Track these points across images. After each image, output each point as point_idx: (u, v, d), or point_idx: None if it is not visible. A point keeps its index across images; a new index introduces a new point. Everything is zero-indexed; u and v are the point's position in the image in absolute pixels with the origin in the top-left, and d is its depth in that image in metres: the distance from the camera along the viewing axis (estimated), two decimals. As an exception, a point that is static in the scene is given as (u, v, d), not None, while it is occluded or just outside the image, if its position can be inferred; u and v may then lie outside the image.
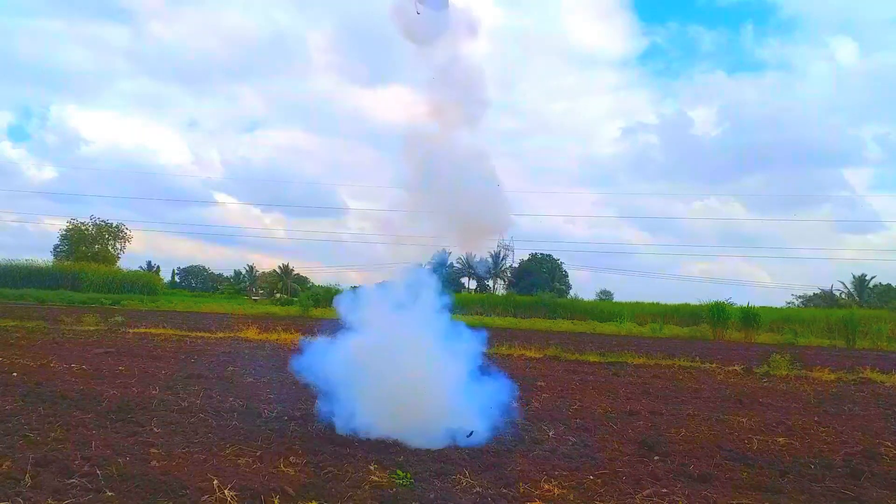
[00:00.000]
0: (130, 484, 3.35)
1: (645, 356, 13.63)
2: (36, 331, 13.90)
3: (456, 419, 4.57)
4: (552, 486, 3.62)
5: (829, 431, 5.89)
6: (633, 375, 10.39)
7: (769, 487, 3.85)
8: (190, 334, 14.65)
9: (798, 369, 11.89)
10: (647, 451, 4.69)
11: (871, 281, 56.71)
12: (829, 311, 36.70)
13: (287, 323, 21.38)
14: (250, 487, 3.31)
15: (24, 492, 3.16)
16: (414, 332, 4.64)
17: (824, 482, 4.04)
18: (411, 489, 3.46)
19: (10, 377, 6.89)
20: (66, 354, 9.33)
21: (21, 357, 8.65)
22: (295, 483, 3.47)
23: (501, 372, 5.49)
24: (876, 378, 11.01)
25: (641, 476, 3.94)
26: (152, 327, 16.23)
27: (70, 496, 3.15)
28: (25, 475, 3.36)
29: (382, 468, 3.86)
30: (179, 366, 8.53)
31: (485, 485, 3.59)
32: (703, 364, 12.60)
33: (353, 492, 3.38)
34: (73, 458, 3.73)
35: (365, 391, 4.66)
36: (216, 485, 3.28)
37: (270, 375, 7.74)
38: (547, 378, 9.18)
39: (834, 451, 4.97)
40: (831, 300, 55.48)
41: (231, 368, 8.44)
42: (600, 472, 3.98)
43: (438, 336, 4.81)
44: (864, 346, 25.48)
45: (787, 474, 4.20)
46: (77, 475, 3.45)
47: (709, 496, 3.60)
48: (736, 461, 4.49)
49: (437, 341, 4.76)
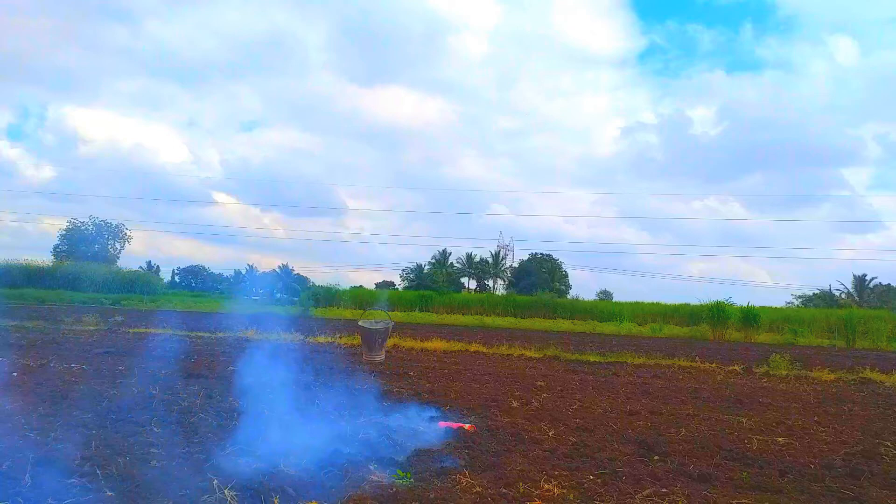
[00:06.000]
0: (131, 484, 3.36)
1: (645, 356, 13.65)
2: (36, 331, 13.90)
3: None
4: (552, 485, 3.62)
5: (828, 431, 5.90)
6: (632, 375, 10.39)
7: (769, 487, 3.85)
8: (190, 334, 14.66)
9: (798, 369, 11.91)
10: (647, 450, 4.70)
11: (870, 281, 56.73)
12: (829, 311, 36.69)
13: (287, 322, 21.40)
14: (251, 487, 3.32)
15: (24, 491, 3.16)
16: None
17: (824, 482, 4.04)
18: (411, 489, 3.46)
19: (10, 377, 6.90)
20: (66, 354, 9.34)
21: (21, 357, 8.66)
22: (296, 482, 3.47)
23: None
24: (876, 378, 11.02)
25: (641, 476, 3.94)
26: (152, 327, 16.24)
27: (70, 496, 3.15)
28: (25, 475, 3.36)
29: (382, 467, 3.87)
30: (180, 365, 8.53)
31: (485, 484, 3.59)
32: (702, 364, 12.61)
33: (353, 491, 3.38)
34: (73, 458, 3.73)
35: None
36: (216, 484, 3.29)
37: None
38: (547, 378, 9.19)
39: (834, 451, 4.98)
40: (831, 300, 55.46)
41: (232, 368, 8.44)
42: (600, 472, 3.98)
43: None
44: (863, 346, 25.51)
45: (787, 474, 4.20)
46: (77, 475, 3.45)
47: (708, 496, 3.60)
48: (736, 461, 4.50)
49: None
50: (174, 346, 11.49)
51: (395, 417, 5.46)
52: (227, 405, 5.71)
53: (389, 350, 12.85)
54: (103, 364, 8.35)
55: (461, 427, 5.10)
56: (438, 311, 42.65)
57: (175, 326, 16.57)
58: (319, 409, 5.70)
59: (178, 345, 11.92)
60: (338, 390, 6.81)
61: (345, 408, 5.72)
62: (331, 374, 8.25)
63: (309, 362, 9.57)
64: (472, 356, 12.62)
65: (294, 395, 6.12)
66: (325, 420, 5.20)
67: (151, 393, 6.20)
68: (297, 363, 9.48)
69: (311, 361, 9.65)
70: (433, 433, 4.93)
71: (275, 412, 5.35)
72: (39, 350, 9.78)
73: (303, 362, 9.60)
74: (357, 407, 5.81)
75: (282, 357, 10.34)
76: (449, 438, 4.73)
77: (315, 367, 8.81)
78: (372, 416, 5.48)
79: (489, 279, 72.48)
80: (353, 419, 5.29)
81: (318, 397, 6.38)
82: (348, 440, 4.57)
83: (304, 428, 4.84)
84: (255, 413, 5.31)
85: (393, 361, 10.40)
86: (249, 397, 5.83)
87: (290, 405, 5.58)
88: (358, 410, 5.63)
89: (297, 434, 4.59)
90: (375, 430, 4.86)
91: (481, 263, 71.82)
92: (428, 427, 5.16)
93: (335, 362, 9.81)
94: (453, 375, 8.98)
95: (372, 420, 5.29)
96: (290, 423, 5.03)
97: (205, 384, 6.93)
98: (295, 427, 4.85)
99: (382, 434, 4.75)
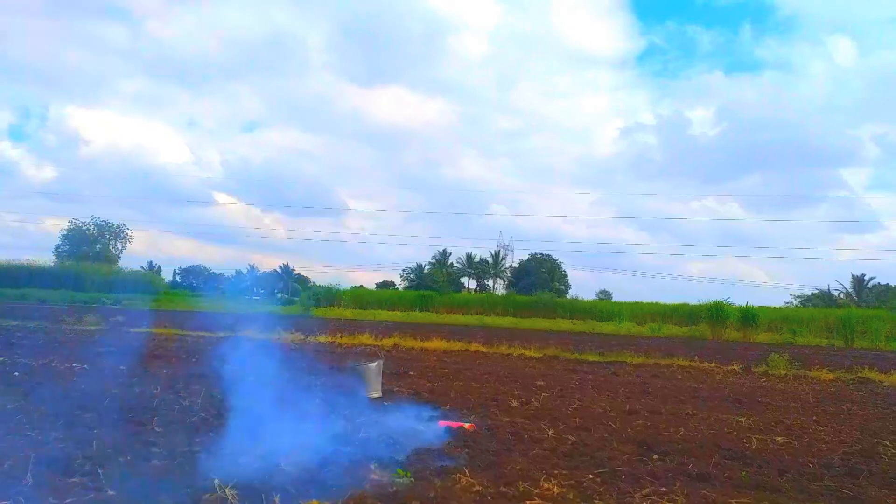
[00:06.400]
0: (132, 483, 3.37)
1: (644, 356, 13.66)
2: (37, 330, 13.92)
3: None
4: (552, 484, 3.64)
5: (827, 430, 5.92)
6: (632, 375, 10.41)
7: (768, 486, 3.86)
8: (191, 333, 14.67)
9: (796, 369, 11.93)
10: (646, 450, 4.71)
11: (869, 281, 56.75)
12: (828, 311, 36.71)
13: (288, 322, 21.41)
14: (251, 486, 3.33)
15: (26, 490, 3.18)
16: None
17: (823, 481, 4.05)
18: (411, 487, 3.47)
19: (11, 376, 6.92)
20: (67, 354, 9.35)
21: (23, 356, 8.68)
22: (296, 481, 3.48)
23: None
24: (874, 377, 11.04)
25: (640, 475, 3.95)
26: (154, 327, 16.25)
27: (72, 495, 3.16)
28: (27, 474, 3.38)
29: (383, 466, 3.88)
30: (181, 365, 8.55)
31: (485, 483, 3.60)
32: (701, 363, 12.63)
33: (354, 490, 3.39)
34: (75, 457, 3.74)
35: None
36: (217, 483, 3.30)
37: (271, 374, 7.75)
38: (546, 377, 9.20)
39: (832, 450, 5.00)
40: (829, 300, 55.47)
41: (233, 368, 8.44)
42: (599, 471, 4.00)
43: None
44: (862, 346, 25.54)
45: (786, 473, 4.22)
46: (78, 474, 3.46)
47: (708, 495, 3.62)
48: (735, 460, 4.52)
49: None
50: (175, 347, 11.50)
51: (395, 416, 5.48)
52: (227, 405, 5.72)
53: (390, 350, 12.88)
54: (105, 363, 8.36)
55: (461, 426, 5.11)
56: (438, 311, 42.70)
57: (175, 326, 16.57)
58: (320, 408, 5.71)
59: (179, 345, 11.94)
60: (338, 390, 6.83)
61: (345, 407, 5.74)
62: (331, 374, 8.26)
63: (309, 362, 9.59)
64: (471, 356, 12.64)
65: (295, 394, 6.14)
66: (325, 419, 5.21)
67: (152, 392, 6.22)
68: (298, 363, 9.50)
69: (311, 361, 9.67)
70: (433, 432, 4.94)
71: (275, 412, 5.36)
72: (41, 350, 9.79)
73: (303, 362, 9.62)
74: (357, 406, 5.82)
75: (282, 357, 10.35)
76: (449, 438, 4.74)
77: (315, 366, 8.83)
78: (372, 415, 5.50)
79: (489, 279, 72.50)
80: (354, 418, 5.30)
81: (319, 397, 6.40)
82: (348, 439, 4.58)
83: (305, 427, 4.85)
84: (256, 412, 5.32)
85: (393, 361, 10.41)
86: (250, 397, 5.84)
87: (290, 405, 5.59)
88: (358, 410, 5.65)
89: (297, 433, 4.60)
90: (375, 430, 4.87)
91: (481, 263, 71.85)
92: (428, 426, 5.18)
93: (335, 362, 9.82)
94: (453, 375, 9.00)
95: (372, 419, 5.30)
96: (290, 422, 5.04)
97: (206, 384, 6.94)
98: (295, 426, 4.87)
99: (382, 433, 4.77)
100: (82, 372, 7.54)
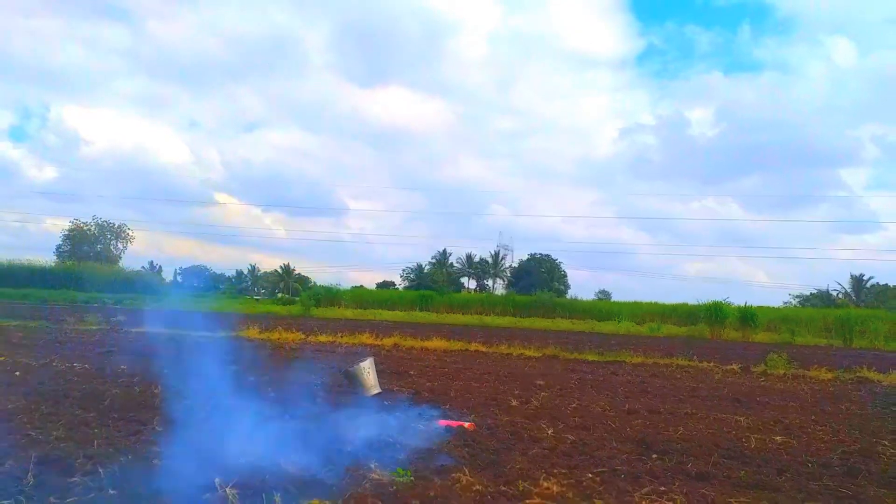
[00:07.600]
0: (133, 482, 3.38)
1: (643, 355, 13.67)
2: (39, 330, 13.92)
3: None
4: (551, 483, 3.65)
5: (826, 430, 5.93)
6: (631, 374, 10.42)
7: (767, 485, 3.88)
8: (192, 333, 14.67)
9: (795, 368, 11.94)
10: (646, 449, 4.73)
11: (868, 281, 56.80)
12: (827, 311, 36.74)
13: (288, 322, 21.43)
14: (252, 485, 3.34)
15: (27, 490, 3.19)
16: None
17: (821, 480, 4.07)
18: (411, 487, 3.48)
19: (12, 376, 6.93)
20: (68, 353, 9.36)
21: (24, 356, 8.68)
22: (296, 480, 3.50)
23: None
24: (873, 377, 11.05)
25: (640, 474, 3.97)
26: (154, 327, 16.24)
27: (73, 495, 3.17)
28: (28, 474, 3.39)
29: (383, 466, 3.89)
30: (182, 364, 8.55)
31: (484, 482, 3.62)
32: (700, 363, 12.65)
33: (354, 489, 3.41)
34: (76, 457, 3.75)
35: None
36: (218, 482, 3.31)
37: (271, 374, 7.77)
38: (546, 377, 9.21)
39: (831, 450, 5.01)
40: (828, 300, 55.50)
41: (234, 368, 8.46)
42: (599, 470, 4.01)
43: None
44: (861, 346, 25.56)
45: (785, 472, 4.23)
46: (79, 473, 3.47)
47: (707, 494, 3.63)
48: (734, 459, 4.53)
49: None
50: (175, 346, 11.51)
51: (395, 416, 5.49)
52: (228, 404, 5.73)
53: (390, 350, 12.89)
54: (106, 363, 8.37)
55: (461, 425, 5.13)
56: (438, 311, 42.69)
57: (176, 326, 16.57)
58: (320, 407, 5.73)
59: (179, 345, 11.94)
60: (338, 390, 6.85)
61: (345, 406, 5.75)
62: (331, 374, 8.27)
63: (309, 362, 9.60)
64: (471, 355, 12.65)
65: (295, 393, 6.16)
66: (325, 418, 5.22)
67: (153, 392, 6.23)
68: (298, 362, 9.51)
69: (311, 361, 9.68)
70: (433, 431, 4.95)
71: (275, 411, 5.38)
72: (42, 349, 9.80)
73: (303, 362, 9.63)
74: (358, 405, 5.84)
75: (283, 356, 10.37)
76: (449, 437, 4.75)
77: (316, 366, 8.84)
78: (372, 414, 5.51)
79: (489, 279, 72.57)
80: (354, 418, 5.31)
81: (319, 396, 6.41)
82: (349, 438, 4.59)
83: (305, 426, 4.86)
84: (256, 412, 5.33)
85: (393, 360, 10.43)
86: (250, 396, 5.86)
87: (290, 404, 5.60)
88: (358, 409, 5.66)
89: (297, 432, 4.61)
90: (376, 429, 4.88)
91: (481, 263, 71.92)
92: (428, 425, 5.19)
93: (335, 362, 9.83)
94: (453, 374, 9.01)
95: (372, 418, 5.32)
96: (290, 421, 5.06)
97: (206, 383, 6.95)
98: (295, 425, 4.88)
99: (383, 432, 4.78)
100: (83, 371, 7.54)
